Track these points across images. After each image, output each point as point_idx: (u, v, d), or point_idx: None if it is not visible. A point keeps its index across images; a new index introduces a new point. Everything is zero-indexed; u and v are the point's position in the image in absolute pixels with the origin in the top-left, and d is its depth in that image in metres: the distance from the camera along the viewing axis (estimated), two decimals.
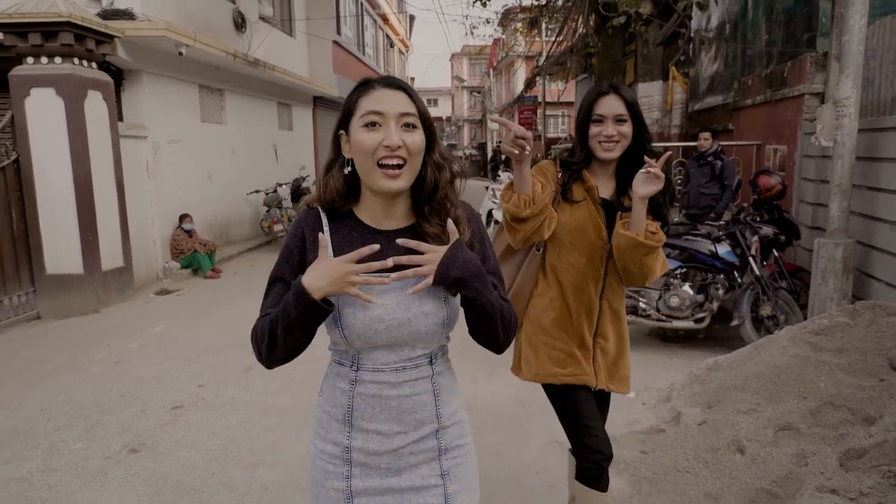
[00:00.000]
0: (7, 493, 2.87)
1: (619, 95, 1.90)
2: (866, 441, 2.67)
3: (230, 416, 3.66)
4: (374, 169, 1.23)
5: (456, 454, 1.37)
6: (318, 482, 1.35)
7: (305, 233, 1.31)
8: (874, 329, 3.30)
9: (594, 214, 1.95)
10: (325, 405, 1.36)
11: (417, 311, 1.26)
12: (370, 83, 1.29)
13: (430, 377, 1.33)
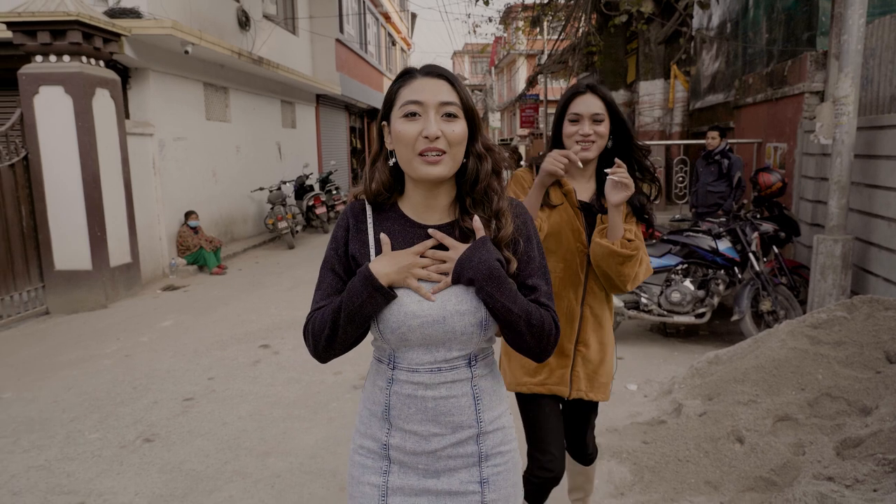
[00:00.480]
0: (27, 481, 2.95)
1: (597, 94, 1.86)
2: (862, 431, 2.74)
3: (240, 408, 3.74)
4: (413, 158, 1.21)
5: (497, 462, 1.32)
6: (354, 478, 1.33)
7: (350, 224, 1.31)
8: (871, 323, 3.37)
9: (572, 218, 1.89)
10: (367, 401, 1.35)
11: (453, 310, 1.22)
12: (412, 72, 1.26)
13: (470, 380, 1.29)
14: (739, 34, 8.03)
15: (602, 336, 1.97)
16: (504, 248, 1.26)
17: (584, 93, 1.86)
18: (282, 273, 8.11)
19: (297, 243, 10.39)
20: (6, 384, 4.26)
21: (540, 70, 15.49)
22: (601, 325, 1.96)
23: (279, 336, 5.19)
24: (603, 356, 1.97)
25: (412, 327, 1.22)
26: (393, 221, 1.29)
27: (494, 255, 1.21)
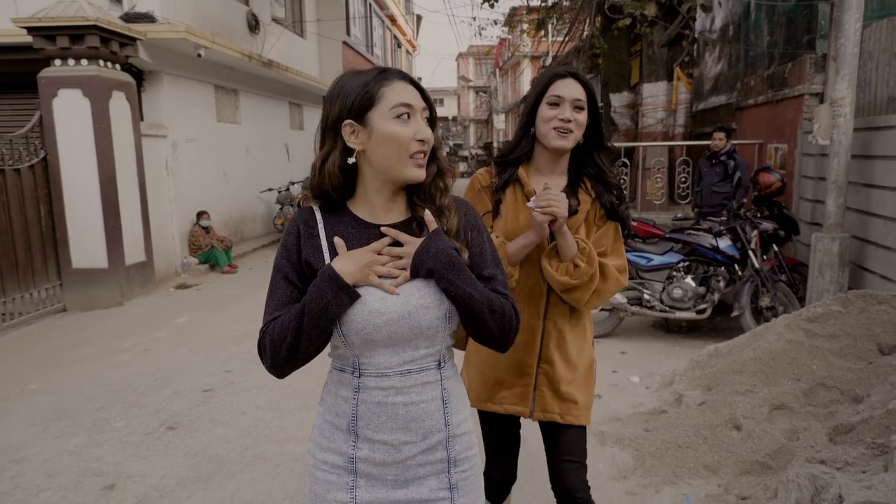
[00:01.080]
0: (60, 464, 3.11)
1: (579, 81, 1.70)
2: (854, 418, 2.87)
3: (258, 398, 3.90)
4: (404, 160, 1.22)
5: (465, 467, 1.33)
6: (318, 496, 1.29)
7: (301, 230, 1.28)
8: (865, 316, 3.51)
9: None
10: (327, 414, 1.31)
11: (417, 304, 1.22)
12: (388, 74, 1.26)
13: (439, 382, 1.29)
14: (741, 37, 8.16)
15: (569, 353, 1.77)
16: (454, 240, 1.28)
17: (565, 76, 1.70)
18: None
19: None
20: (31, 376, 4.43)
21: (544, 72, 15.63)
22: (567, 341, 1.77)
23: None
24: (574, 374, 1.77)
25: (377, 325, 1.19)
26: (345, 225, 1.28)
27: (450, 245, 1.22)
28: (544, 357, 1.76)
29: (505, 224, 1.75)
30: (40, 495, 2.83)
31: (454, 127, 46.12)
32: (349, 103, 1.23)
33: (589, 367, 1.84)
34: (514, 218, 1.75)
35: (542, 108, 1.71)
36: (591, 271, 1.66)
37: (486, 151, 36.38)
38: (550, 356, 1.76)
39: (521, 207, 1.74)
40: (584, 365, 1.82)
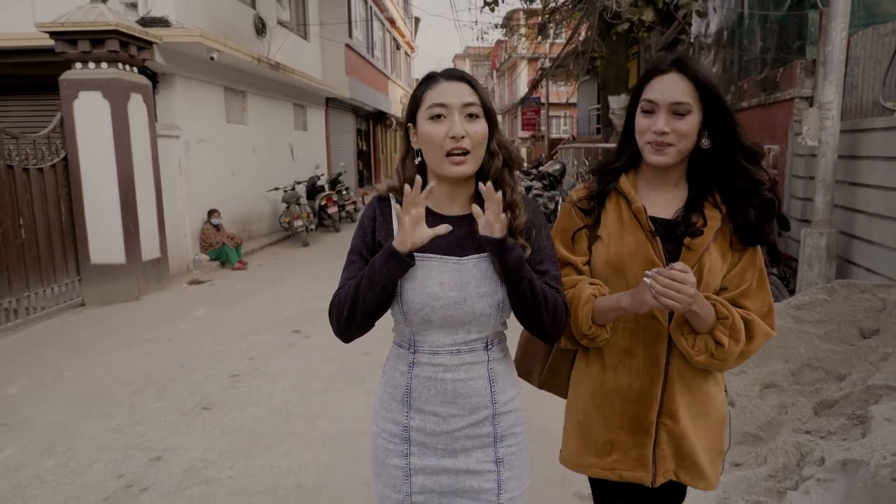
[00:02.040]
0: (106, 440, 3.36)
1: (685, 74, 1.32)
2: (837, 393, 3.15)
3: (283, 382, 4.15)
4: (441, 158, 1.29)
5: (511, 442, 1.40)
6: (379, 460, 1.42)
7: (377, 214, 1.40)
8: (848, 304, 3.79)
9: (643, 244, 1.40)
10: (387, 386, 1.43)
11: (473, 292, 1.30)
12: (434, 76, 1.34)
13: (486, 363, 1.37)
14: (735, 42, 8.46)
15: (697, 404, 1.45)
16: (518, 237, 1.34)
17: (666, 71, 1.34)
18: (300, 268, 8.53)
19: (311, 241, 10.80)
20: (64, 364, 4.67)
21: (543, 74, 15.92)
22: (694, 390, 1.44)
23: (308, 323, 5.60)
24: (699, 428, 1.45)
25: (435, 308, 1.30)
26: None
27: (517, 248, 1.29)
28: (666, 410, 1.42)
29: (607, 248, 1.44)
30: (93, 466, 3.08)
31: None
32: (408, 108, 1.37)
33: (722, 418, 1.50)
34: (618, 240, 1.43)
35: (637, 114, 1.39)
36: (739, 348, 1.34)
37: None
38: (674, 409, 1.42)
39: (627, 226, 1.42)
40: (716, 415, 1.48)
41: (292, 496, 2.76)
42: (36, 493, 2.84)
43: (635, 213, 1.43)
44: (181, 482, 2.90)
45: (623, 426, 1.45)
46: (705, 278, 1.37)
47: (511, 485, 1.40)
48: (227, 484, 2.88)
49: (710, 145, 1.38)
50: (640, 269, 1.35)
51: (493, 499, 1.39)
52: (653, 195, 1.46)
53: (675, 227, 1.41)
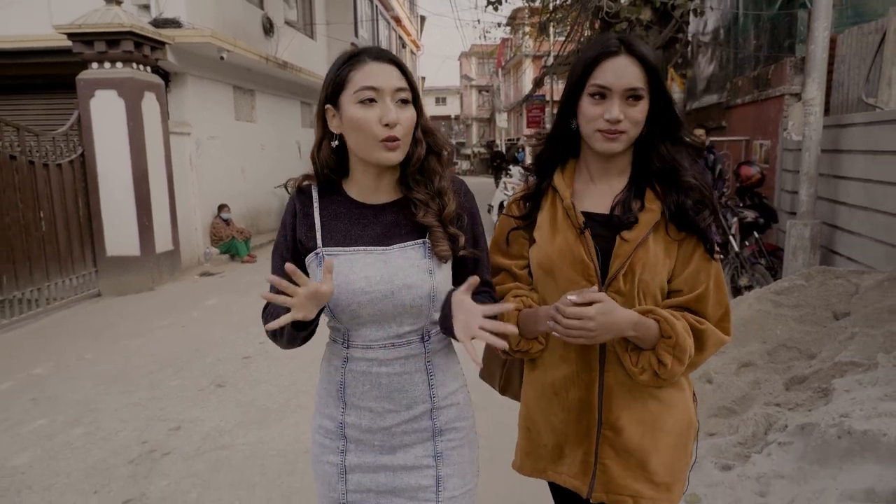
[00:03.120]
0: (129, 412, 3.63)
1: (635, 56, 1.24)
2: (807, 370, 3.38)
3: (292, 364, 4.41)
4: (375, 144, 1.20)
5: (451, 437, 1.34)
6: (315, 457, 1.38)
7: (297, 209, 1.32)
8: (824, 289, 4.01)
9: (573, 244, 1.31)
10: (323, 381, 1.38)
11: (401, 284, 1.23)
12: (360, 56, 1.23)
13: (423, 355, 1.30)
14: (731, 40, 8.66)
15: (648, 415, 1.32)
16: (450, 225, 1.28)
17: (616, 53, 1.24)
18: None
19: None
20: (85, 348, 4.95)
21: (546, 72, 16.12)
22: (643, 400, 1.32)
23: None
24: (655, 440, 1.32)
25: (362, 304, 1.23)
26: (338, 204, 1.30)
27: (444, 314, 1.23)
28: (606, 421, 1.33)
29: (538, 250, 1.37)
30: (119, 434, 3.35)
31: (457, 126, 46.63)
32: (328, 88, 1.25)
33: (685, 430, 1.36)
34: (548, 241, 1.35)
35: (583, 100, 1.28)
36: (683, 368, 1.25)
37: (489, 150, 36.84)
38: (615, 419, 1.32)
39: (559, 226, 1.34)
40: (677, 428, 1.34)
41: (300, 460, 3.02)
42: (68, 456, 3.12)
43: (566, 209, 1.33)
44: (199, 448, 3.17)
45: (569, 433, 1.37)
46: (640, 275, 1.26)
47: (451, 483, 1.32)
48: (241, 449, 3.14)
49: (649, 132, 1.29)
50: (570, 271, 1.30)
51: (432, 496, 1.31)
52: (592, 188, 1.36)
53: (610, 220, 1.30)
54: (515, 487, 2.58)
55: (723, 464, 2.80)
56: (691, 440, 1.38)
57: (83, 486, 2.83)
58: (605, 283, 1.28)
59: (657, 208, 1.28)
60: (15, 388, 4.08)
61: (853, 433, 2.27)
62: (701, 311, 1.29)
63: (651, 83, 1.25)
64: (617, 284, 1.27)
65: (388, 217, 1.29)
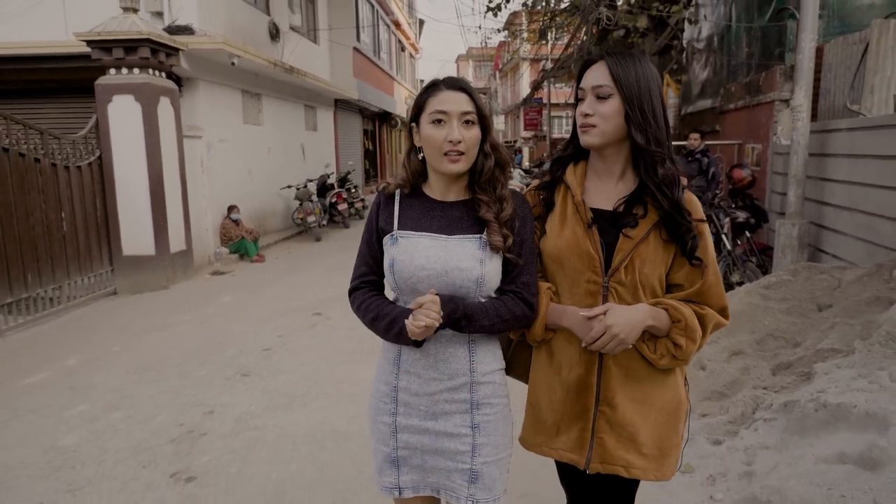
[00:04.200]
0: (163, 399, 3.89)
1: (605, 63, 1.43)
2: (792, 357, 3.67)
3: (310, 355, 4.68)
4: (440, 157, 1.47)
5: (487, 411, 1.52)
6: (372, 417, 1.62)
7: (381, 203, 1.60)
8: (809, 283, 4.31)
9: (578, 237, 1.48)
10: (385, 350, 1.60)
11: (454, 266, 1.46)
12: (437, 84, 1.50)
13: (467, 335, 1.51)
14: (724, 47, 8.97)
15: (641, 393, 1.48)
16: (503, 227, 1.49)
17: (595, 62, 1.46)
18: (315, 260, 9.07)
19: (323, 236, 11.34)
20: (112, 341, 5.21)
21: (545, 75, 16.43)
22: (633, 378, 1.48)
23: (328, 307, 6.13)
24: (646, 417, 1.48)
25: (420, 278, 1.47)
26: (415, 199, 1.57)
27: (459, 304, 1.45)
28: (604, 398, 1.48)
29: (548, 241, 1.54)
30: (156, 418, 3.62)
31: None
32: (413, 110, 1.55)
33: (674, 410, 1.51)
34: (558, 233, 1.52)
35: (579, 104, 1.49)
36: (696, 347, 1.42)
37: None
38: (611, 396, 1.48)
39: (569, 219, 1.51)
40: (667, 407, 1.50)
41: (328, 438, 3.29)
42: (112, 437, 3.38)
43: (577, 205, 1.49)
44: (234, 429, 3.44)
45: (566, 412, 1.53)
46: (640, 269, 1.43)
47: (486, 450, 1.52)
48: (272, 430, 3.41)
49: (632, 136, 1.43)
50: (577, 263, 1.46)
51: (468, 461, 1.52)
52: (600, 186, 1.52)
53: (617, 217, 1.46)
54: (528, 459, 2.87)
55: (714, 439, 3.09)
56: (681, 420, 1.53)
57: (131, 462, 3.09)
58: (608, 274, 1.44)
59: (656, 212, 1.45)
60: (52, 378, 4.33)
61: (828, 406, 2.55)
62: (703, 302, 1.45)
63: (621, 87, 1.40)
64: (619, 276, 1.44)
65: (454, 213, 1.54)
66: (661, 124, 1.43)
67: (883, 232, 4.33)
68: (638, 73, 1.41)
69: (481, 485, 1.52)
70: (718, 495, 2.60)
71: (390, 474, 1.59)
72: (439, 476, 1.56)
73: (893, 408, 2.33)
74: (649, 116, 1.41)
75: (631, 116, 1.40)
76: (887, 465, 2.13)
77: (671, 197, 1.41)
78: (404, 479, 1.58)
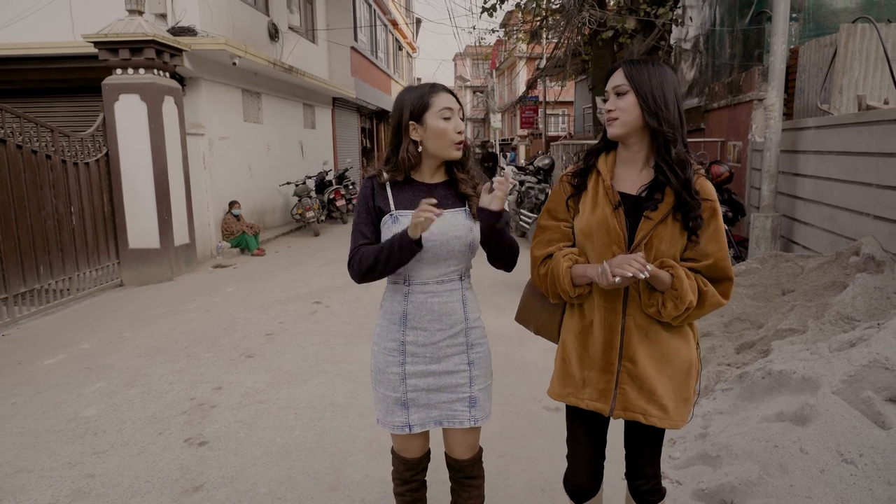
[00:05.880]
0: (174, 377, 4.20)
1: (622, 68, 1.68)
2: (755, 337, 3.98)
3: (311, 338, 4.99)
4: (450, 145, 1.78)
5: (477, 350, 1.90)
6: (380, 370, 1.89)
7: (375, 187, 1.85)
8: (775, 271, 4.62)
9: (607, 216, 1.69)
10: (386, 315, 1.89)
11: (452, 235, 1.78)
12: (436, 88, 1.81)
13: (461, 290, 1.87)
14: (709, 48, 9.28)
15: (658, 351, 1.71)
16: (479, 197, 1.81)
17: (616, 69, 1.71)
18: (314, 254, 9.37)
19: (321, 231, 11.64)
20: (123, 328, 5.51)
21: (539, 74, 16.73)
22: (651, 338, 1.70)
23: (327, 296, 6.44)
24: (662, 372, 1.70)
25: (426, 248, 1.75)
26: (405, 183, 1.85)
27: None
28: (626, 355, 1.71)
29: (581, 218, 1.76)
30: (169, 393, 3.92)
31: None
32: (414, 109, 1.78)
33: (687, 369, 1.73)
34: (590, 212, 1.74)
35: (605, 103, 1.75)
36: (678, 313, 1.63)
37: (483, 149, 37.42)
38: (632, 353, 1.70)
39: (599, 201, 1.72)
40: (680, 365, 1.72)
41: (328, 409, 3.60)
42: (129, 409, 3.69)
43: (606, 189, 1.71)
44: (241, 402, 3.75)
45: (593, 366, 1.74)
46: (657, 245, 1.64)
47: (479, 380, 1.90)
48: (276, 402, 3.72)
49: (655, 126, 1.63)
50: (605, 238, 1.67)
51: (467, 390, 1.88)
52: (627, 173, 1.73)
53: (640, 201, 1.68)
54: (506, 426, 3.18)
55: None
56: (693, 378, 1.75)
57: (148, 430, 3.40)
58: (630, 249, 1.66)
59: (673, 197, 1.64)
60: (69, 360, 4.64)
61: (773, 373, 2.87)
62: (711, 275, 1.65)
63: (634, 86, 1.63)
64: (639, 251, 1.64)
65: (440, 192, 1.85)
66: (672, 111, 1.64)
67: (843, 223, 4.64)
68: (650, 71, 1.64)
69: (478, 407, 1.90)
70: (676, 454, 2.91)
71: (400, 415, 1.88)
72: (443, 409, 1.89)
73: (826, 372, 2.65)
74: (661, 104, 1.62)
75: (644, 106, 1.62)
76: (815, 419, 2.44)
77: (682, 177, 1.60)
78: (413, 418, 1.88)
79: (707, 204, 1.64)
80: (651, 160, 1.69)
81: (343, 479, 2.85)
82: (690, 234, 1.63)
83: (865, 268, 3.95)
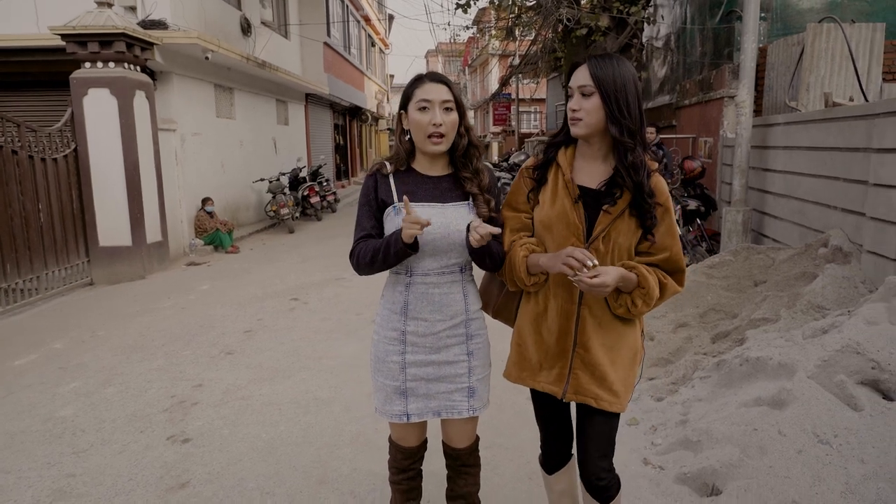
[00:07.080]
0: (152, 376, 4.13)
1: (587, 67, 1.67)
2: (730, 327, 4.09)
3: (291, 335, 4.95)
4: (424, 138, 1.77)
5: (477, 340, 1.90)
6: (380, 359, 1.89)
7: (377, 180, 1.86)
8: (747, 263, 4.76)
9: (567, 209, 1.73)
10: (387, 304, 1.90)
11: (454, 228, 1.79)
12: (422, 78, 1.80)
13: (461, 282, 1.87)
14: (680, 46, 9.46)
15: (609, 339, 1.77)
16: (484, 194, 1.82)
17: (581, 64, 1.70)
18: (290, 251, 9.29)
19: (296, 228, 11.53)
20: (95, 326, 5.39)
21: (512, 71, 16.82)
22: (604, 327, 1.77)
23: (305, 293, 6.40)
24: (613, 360, 1.78)
25: (426, 241, 1.76)
26: (407, 175, 1.86)
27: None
28: (580, 342, 1.77)
29: (541, 210, 1.80)
30: (148, 391, 3.86)
31: None
32: (402, 99, 1.84)
33: (633, 356, 1.82)
34: (550, 205, 1.78)
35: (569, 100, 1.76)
36: (649, 309, 1.71)
37: None
38: (586, 341, 1.76)
39: (559, 194, 1.76)
40: (628, 352, 1.80)
41: (312, 405, 3.59)
42: (108, 408, 3.62)
43: (566, 182, 1.74)
44: (222, 398, 3.71)
45: (548, 351, 1.81)
46: (614, 238, 1.70)
47: (477, 371, 1.92)
48: (259, 399, 3.70)
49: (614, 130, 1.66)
50: (564, 230, 1.72)
51: (466, 380, 1.89)
52: (586, 167, 1.76)
53: (598, 195, 1.72)
54: (495, 415, 3.22)
55: (657, 397, 3.49)
56: (637, 363, 1.86)
57: (129, 428, 3.34)
58: (588, 241, 1.71)
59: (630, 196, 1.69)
60: (41, 360, 4.52)
61: (750, 360, 2.96)
62: (667, 268, 1.73)
63: (599, 86, 1.64)
64: (597, 244, 1.71)
65: (443, 185, 1.86)
66: (634, 117, 1.67)
67: (811, 216, 4.80)
68: (615, 73, 1.64)
69: (477, 397, 1.92)
70: (658, 440, 2.98)
71: (399, 404, 1.89)
72: (441, 399, 1.90)
73: (801, 358, 2.75)
74: (624, 111, 1.64)
75: (608, 111, 1.64)
76: (791, 403, 2.53)
77: (635, 180, 1.66)
78: (411, 407, 1.89)
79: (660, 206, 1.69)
80: (610, 157, 1.73)
81: (331, 472, 2.85)
82: (646, 233, 1.70)
83: (834, 259, 4.09)
